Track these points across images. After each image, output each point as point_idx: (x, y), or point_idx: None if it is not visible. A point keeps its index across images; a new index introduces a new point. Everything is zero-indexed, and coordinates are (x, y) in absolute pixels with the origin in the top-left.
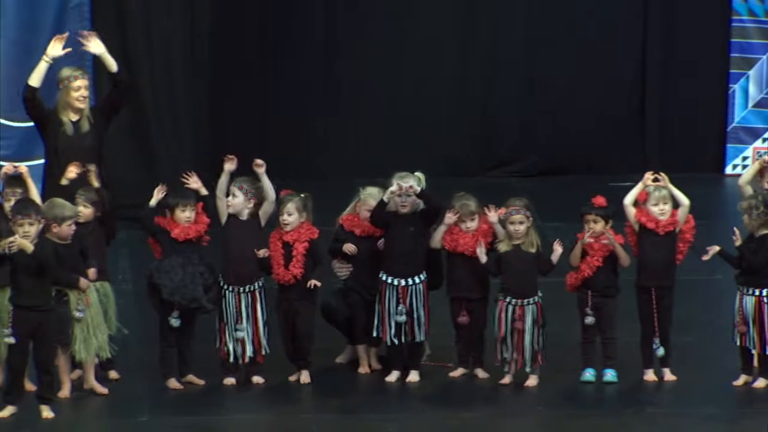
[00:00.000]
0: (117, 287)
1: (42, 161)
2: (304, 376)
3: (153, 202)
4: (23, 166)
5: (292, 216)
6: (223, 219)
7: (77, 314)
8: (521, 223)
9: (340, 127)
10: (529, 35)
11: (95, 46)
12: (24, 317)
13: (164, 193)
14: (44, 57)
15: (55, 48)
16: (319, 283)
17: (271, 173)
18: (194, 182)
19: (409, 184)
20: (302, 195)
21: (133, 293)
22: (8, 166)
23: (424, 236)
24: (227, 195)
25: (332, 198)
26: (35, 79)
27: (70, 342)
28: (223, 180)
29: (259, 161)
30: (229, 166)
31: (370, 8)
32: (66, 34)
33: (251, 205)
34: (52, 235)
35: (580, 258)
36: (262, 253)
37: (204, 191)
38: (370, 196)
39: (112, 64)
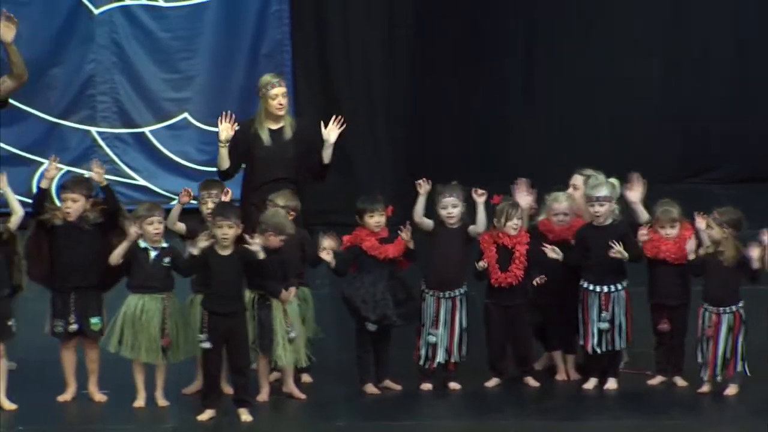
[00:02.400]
0: (315, 291)
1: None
2: (532, 381)
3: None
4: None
5: (520, 221)
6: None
7: (291, 335)
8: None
9: (535, 129)
10: (737, 36)
11: (333, 135)
12: (216, 322)
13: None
14: (220, 144)
15: (226, 131)
16: (540, 281)
17: (467, 175)
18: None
19: (604, 193)
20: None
21: (330, 297)
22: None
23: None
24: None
25: None
26: (223, 164)
27: (272, 346)
28: (421, 202)
29: (480, 190)
30: (424, 189)
31: (571, 7)
32: (232, 120)
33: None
34: (263, 240)
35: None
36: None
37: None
38: (555, 200)
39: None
